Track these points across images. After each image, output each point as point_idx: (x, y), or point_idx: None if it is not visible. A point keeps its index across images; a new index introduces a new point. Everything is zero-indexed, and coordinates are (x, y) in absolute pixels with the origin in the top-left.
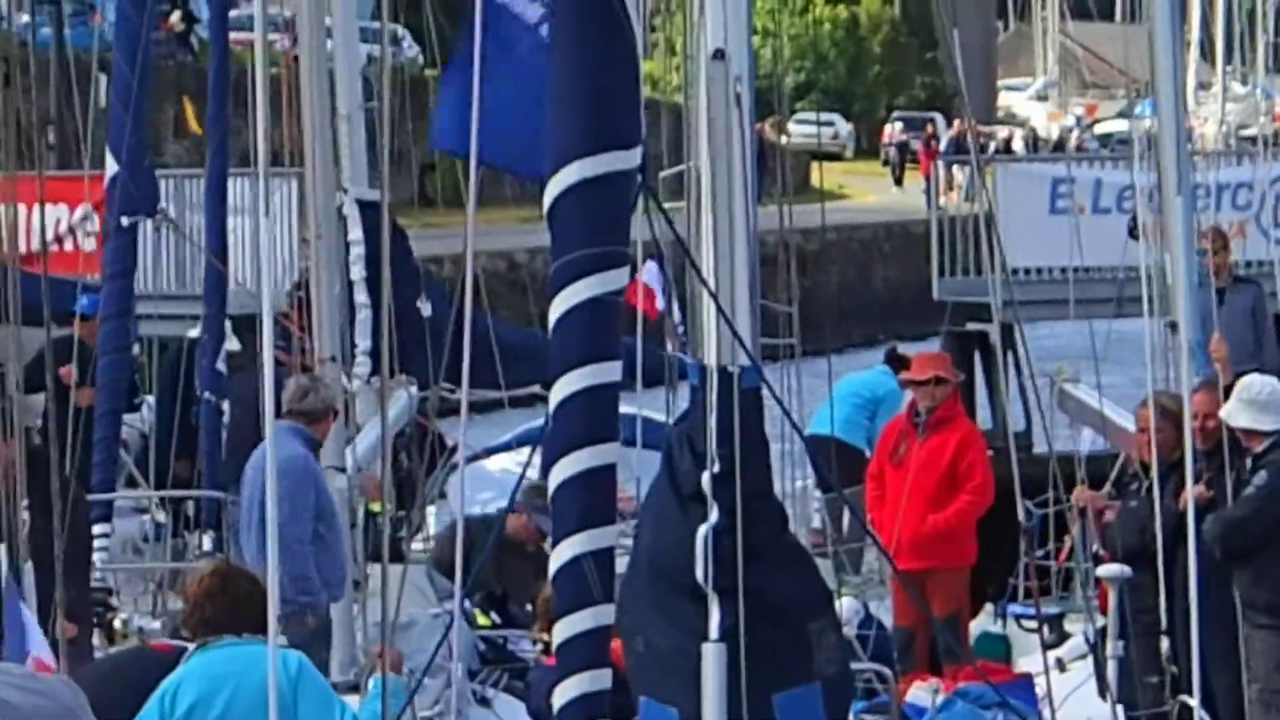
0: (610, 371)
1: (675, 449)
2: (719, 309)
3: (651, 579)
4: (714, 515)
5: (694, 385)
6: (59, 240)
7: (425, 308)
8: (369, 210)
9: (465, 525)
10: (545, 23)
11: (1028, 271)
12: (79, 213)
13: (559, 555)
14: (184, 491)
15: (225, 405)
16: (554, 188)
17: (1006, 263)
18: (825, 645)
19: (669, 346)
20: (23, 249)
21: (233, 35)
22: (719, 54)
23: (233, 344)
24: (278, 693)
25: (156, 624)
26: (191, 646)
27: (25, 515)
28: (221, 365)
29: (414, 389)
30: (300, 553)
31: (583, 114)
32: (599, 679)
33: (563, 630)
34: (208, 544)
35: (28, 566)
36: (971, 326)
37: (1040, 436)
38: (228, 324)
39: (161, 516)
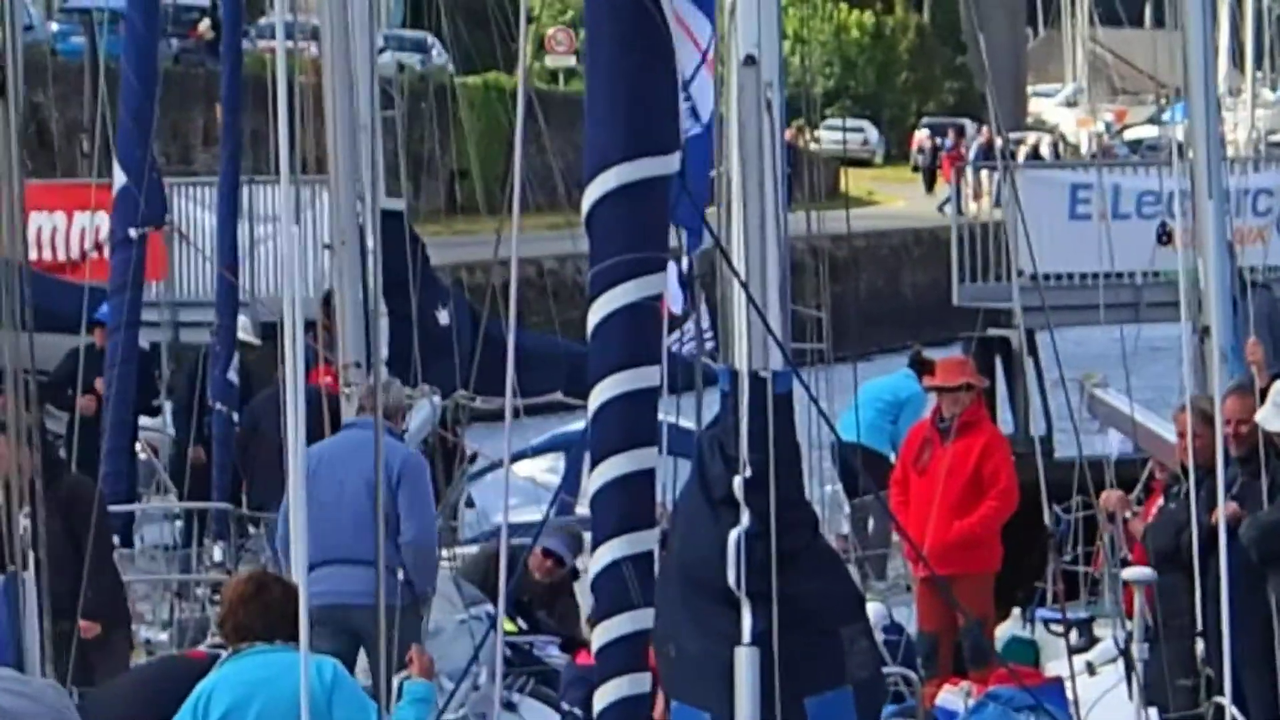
0: (649, 376)
1: (706, 453)
2: (759, 313)
3: (682, 584)
4: (745, 520)
5: (724, 390)
6: (99, 248)
7: (443, 316)
8: (390, 220)
9: (487, 538)
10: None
11: (1046, 277)
12: None
13: (598, 559)
14: (196, 504)
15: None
16: (592, 193)
17: (1038, 268)
18: (857, 650)
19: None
20: (62, 257)
21: (269, 44)
22: (750, 60)
23: (254, 339)
24: (312, 700)
25: (164, 635)
26: (225, 653)
27: (25, 522)
28: (233, 375)
29: (437, 398)
30: (433, 545)
31: (621, 120)
32: (638, 682)
33: (602, 634)
34: (218, 555)
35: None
36: (992, 332)
37: (1062, 441)
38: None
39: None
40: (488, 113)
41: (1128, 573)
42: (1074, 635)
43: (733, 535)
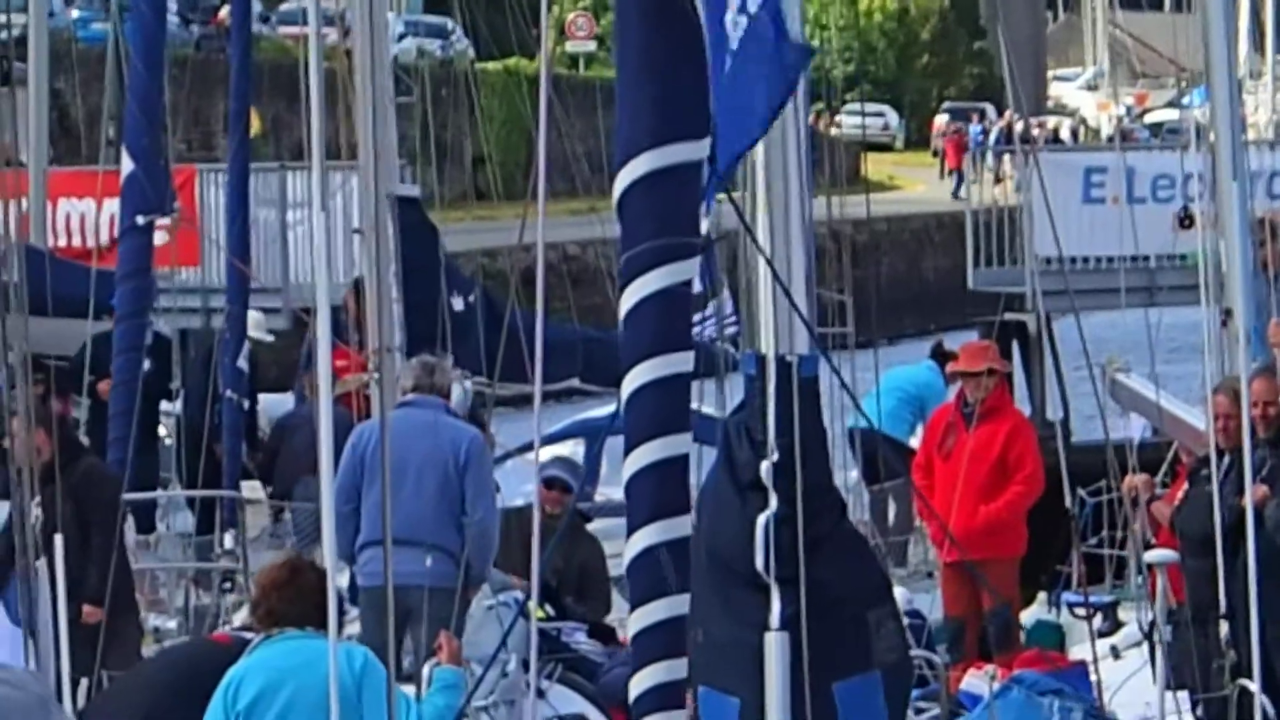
0: (682, 362)
1: (733, 438)
2: (786, 295)
3: (709, 569)
4: (773, 504)
5: (750, 375)
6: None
7: (457, 302)
8: (406, 206)
9: (505, 517)
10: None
11: (1061, 261)
12: None
13: (633, 546)
14: (206, 491)
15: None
16: (623, 179)
17: (1060, 251)
18: (885, 634)
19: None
20: (91, 244)
21: (287, 30)
22: None
23: (265, 336)
24: (341, 688)
25: (172, 623)
26: (257, 638)
27: (38, 511)
28: (243, 362)
29: (468, 383)
30: (496, 527)
31: (651, 106)
32: (674, 669)
33: (638, 620)
34: (229, 542)
35: (41, 563)
36: (1009, 317)
37: (1078, 425)
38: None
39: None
40: (508, 99)
41: (1150, 555)
42: (1099, 619)
43: (760, 520)
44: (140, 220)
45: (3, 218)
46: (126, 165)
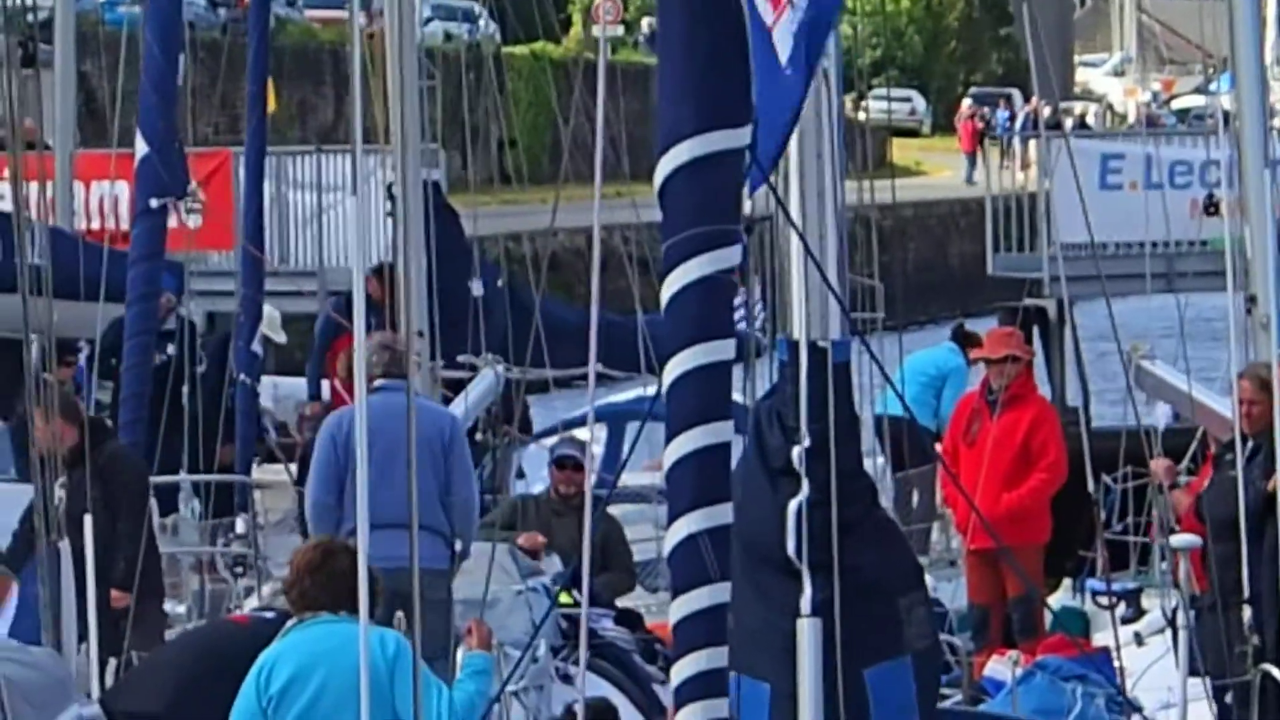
0: (723, 350)
1: (764, 424)
2: (825, 282)
3: (740, 556)
4: (805, 490)
5: (783, 360)
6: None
7: (476, 287)
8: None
9: (523, 502)
10: None
11: (1077, 247)
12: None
13: (675, 533)
14: (219, 476)
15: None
16: (665, 166)
17: (1091, 236)
18: (916, 619)
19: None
20: (125, 226)
21: (316, 14)
22: None
23: (279, 337)
24: (373, 673)
25: (181, 608)
26: (290, 622)
27: (61, 492)
28: (257, 347)
29: (501, 368)
30: (476, 506)
31: (693, 92)
32: (716, 656)
33: (680, 608)
34: (240, 527)
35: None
36: (1029, 302)
37: (1098, 411)
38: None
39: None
40: (534, 83)
41: (1174, 540)
42: (1123, 606)
43: (792, 505)
44: (154, 203)
45: (32, 200)
46: (141, 148)
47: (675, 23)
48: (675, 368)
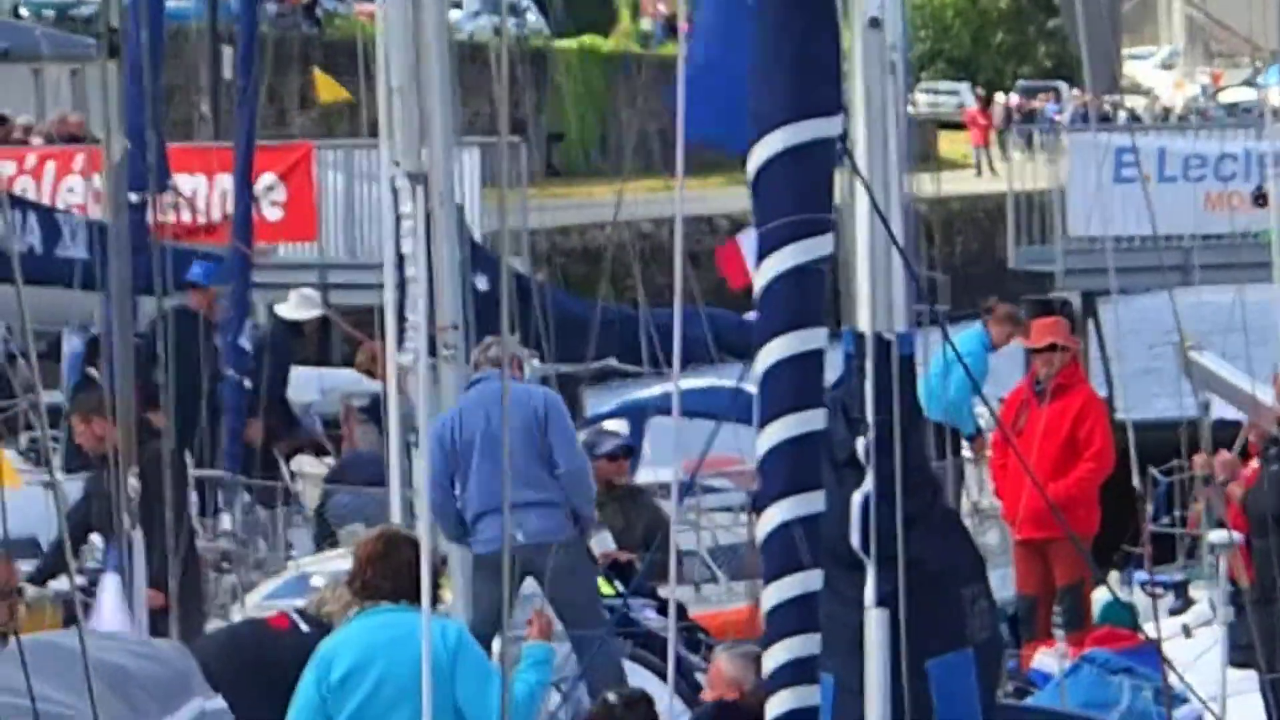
0: (816, 338)
1: (830, 415)
2: (908, 270)
3: None
4: (870, 482)
5: (849, 352)
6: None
7: (481, 282)
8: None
9: None
10: None
11: (1091, 240)
12: (263, 182)
13: (767, 521)
14: (203, 471)
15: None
16: (759, 154)
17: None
18: (978, 611)
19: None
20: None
21: (366, 8)
22: (874, 22)
23: (301, 313)
24: (435, 664)
25: None
26: (350, 611)
27: (135, 482)
28: (245, 342)
29: (536, 361)
30: (587, 470)
31: (787, 81)
32: (808, 644)
33: (772, 596)
34: (226, 524)
35: (138, 534)
36: (1053, 295)
37: (1143, 404)
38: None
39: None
40: (584, 77)
41: (1212, 536)
42: (1171, 598)
43: (857, 497)
44: (134, 198)
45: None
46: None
47: (771, 11)
48: (768, 356)
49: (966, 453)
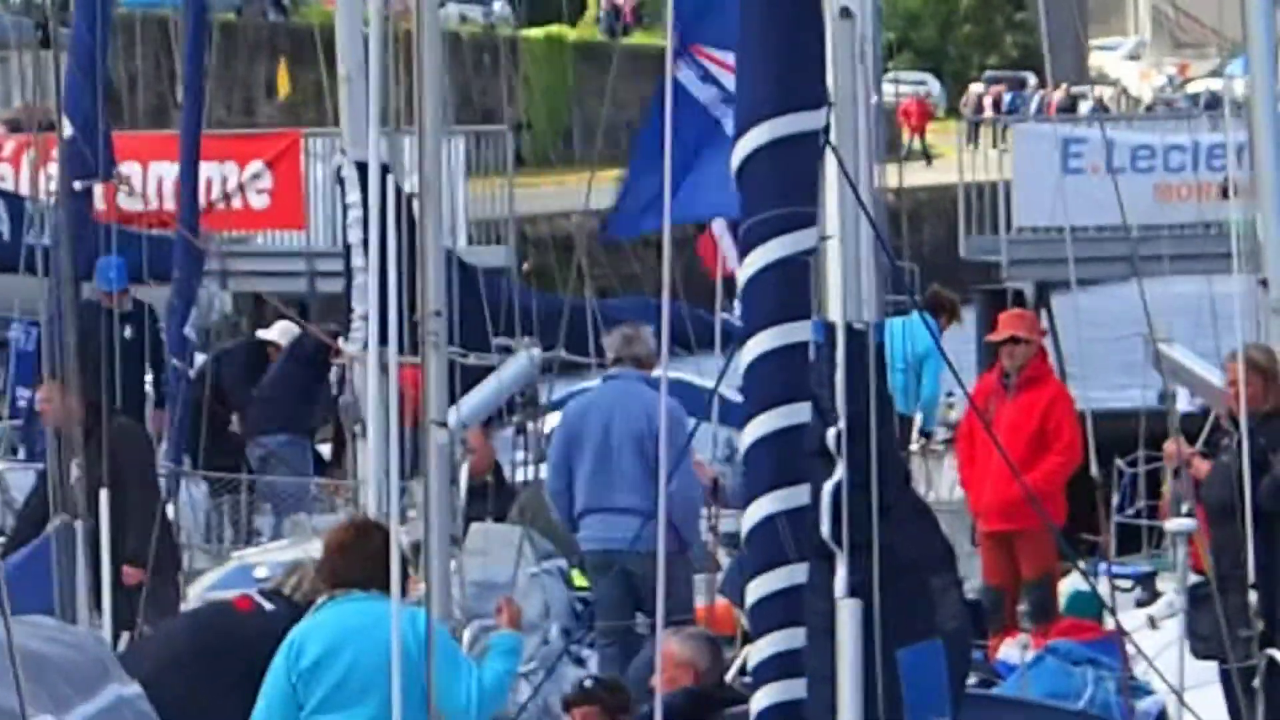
0: (801, 332)
1: None
2: (889, 257)
3: None
4: (841, 471)
5: (819, 342)
6: (227, 198)
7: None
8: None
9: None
10: (722, 105)
11: (1044, 229)
12: (250, 169)
13: (752, 514)
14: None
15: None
16: (743, 147)
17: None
18: (948, 601)
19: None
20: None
21: None
22: (845, 12)
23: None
24: (405, 652)
25: None
26: (321, 598)
27: (77, 471)
28: (190, 331)
29: (536, 351)
30: (696, 496)
31: (772, 74)
32: (793, 637)
33: (756, 590)
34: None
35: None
36: (1007, 285)
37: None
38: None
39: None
40: (550, 66)
41: (1170, 525)
42: (1138, 590)
43: (827, 487)
44: (78, 186)
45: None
46: (66, 129)
47: (755, 4)
48: (753, 349)
49: (914, 446)
